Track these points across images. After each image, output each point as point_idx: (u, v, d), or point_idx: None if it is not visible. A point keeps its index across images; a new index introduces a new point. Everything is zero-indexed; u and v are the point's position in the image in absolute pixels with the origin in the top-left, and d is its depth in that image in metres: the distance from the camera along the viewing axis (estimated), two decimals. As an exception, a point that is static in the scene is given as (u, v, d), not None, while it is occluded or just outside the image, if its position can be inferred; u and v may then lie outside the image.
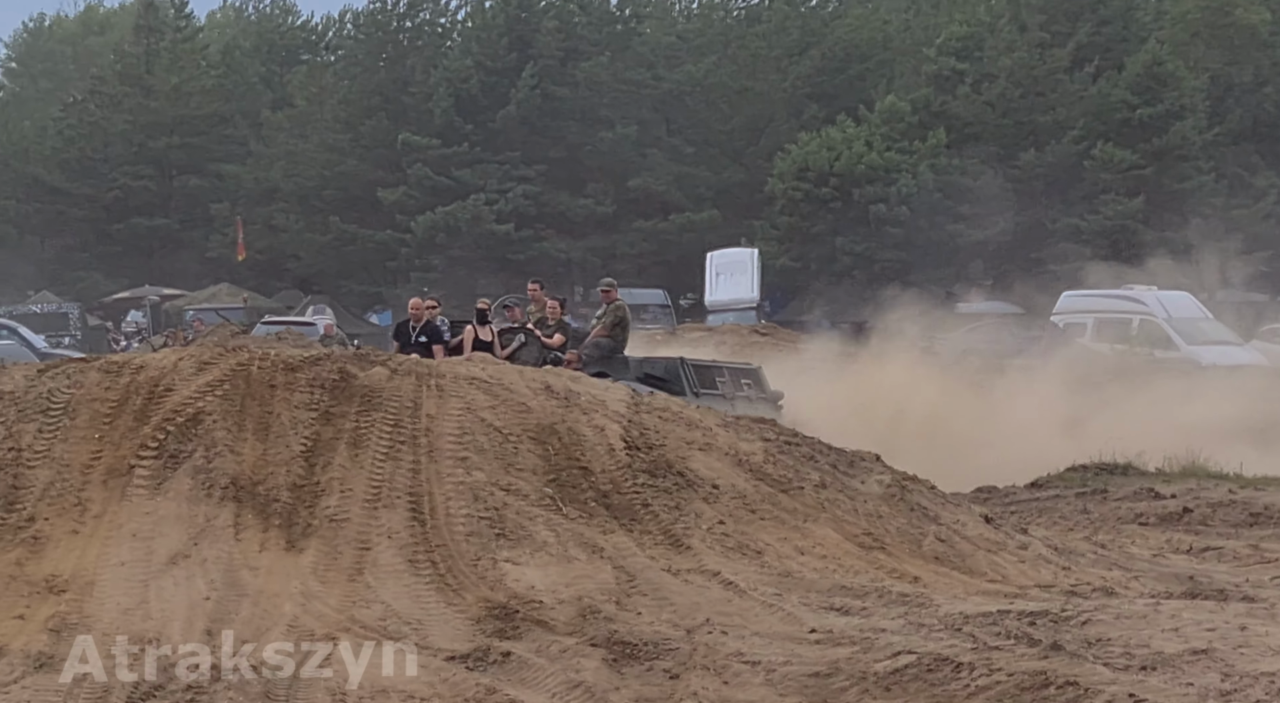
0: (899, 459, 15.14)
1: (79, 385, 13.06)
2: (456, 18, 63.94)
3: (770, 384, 21.17)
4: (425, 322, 19.15)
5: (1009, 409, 23.47)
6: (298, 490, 12.33)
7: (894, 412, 22.69)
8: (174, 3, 68.06)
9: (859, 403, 23.07)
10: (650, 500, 12.79)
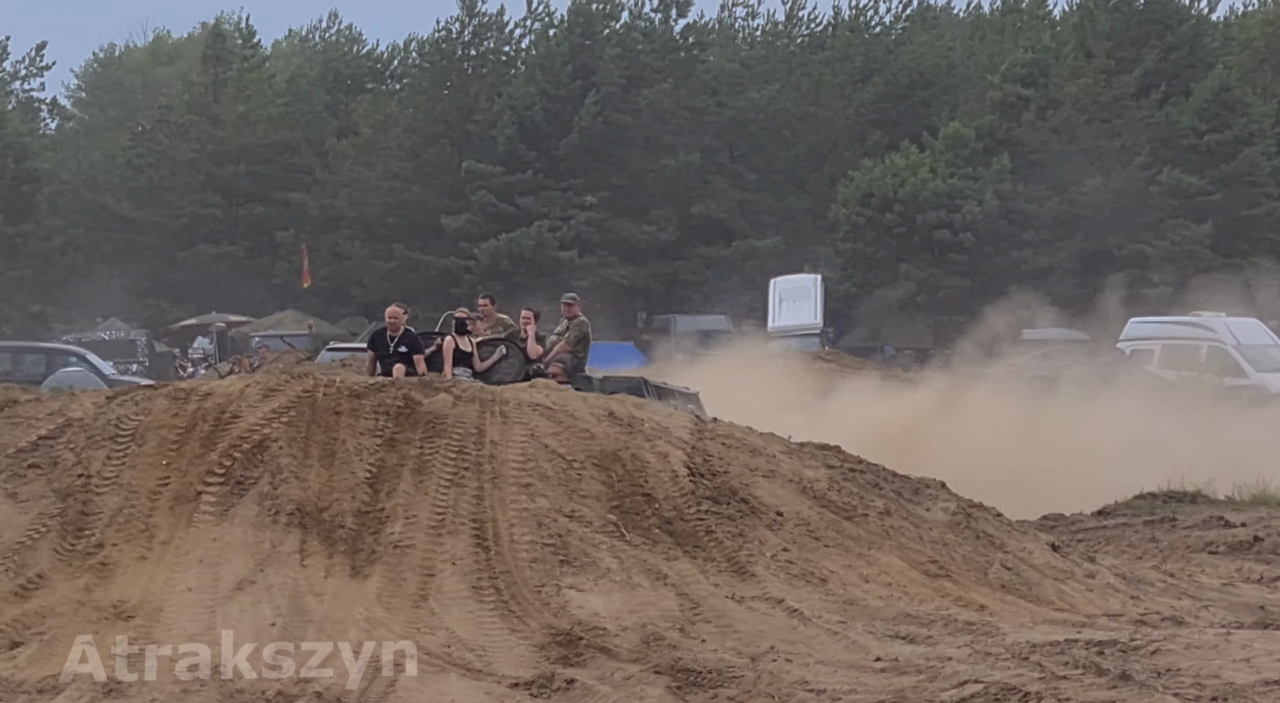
0: (964, 486, 15.05)
1: (147, 412, 13.15)
2: (521, 46, 64.19)
3: (705, 410, 21.26)
4: (404, 331, 18.41)
5: (1075, 436, 23.30)
6: (363, 517, 12.37)
7: (956, 438, 22.57)
8: (241, 32, 68.61)
9: (921, 428, 22.96)
10: (714, 527, 12.76)
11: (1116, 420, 24.09)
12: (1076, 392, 27.49)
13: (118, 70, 78.30)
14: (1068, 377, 30.33)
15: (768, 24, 65.21)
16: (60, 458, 12.81)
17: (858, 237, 54.73)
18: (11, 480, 12.61)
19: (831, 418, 22.91)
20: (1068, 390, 27.65)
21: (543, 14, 62.99)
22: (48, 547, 12.03)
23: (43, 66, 70.45)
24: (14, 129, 59.85)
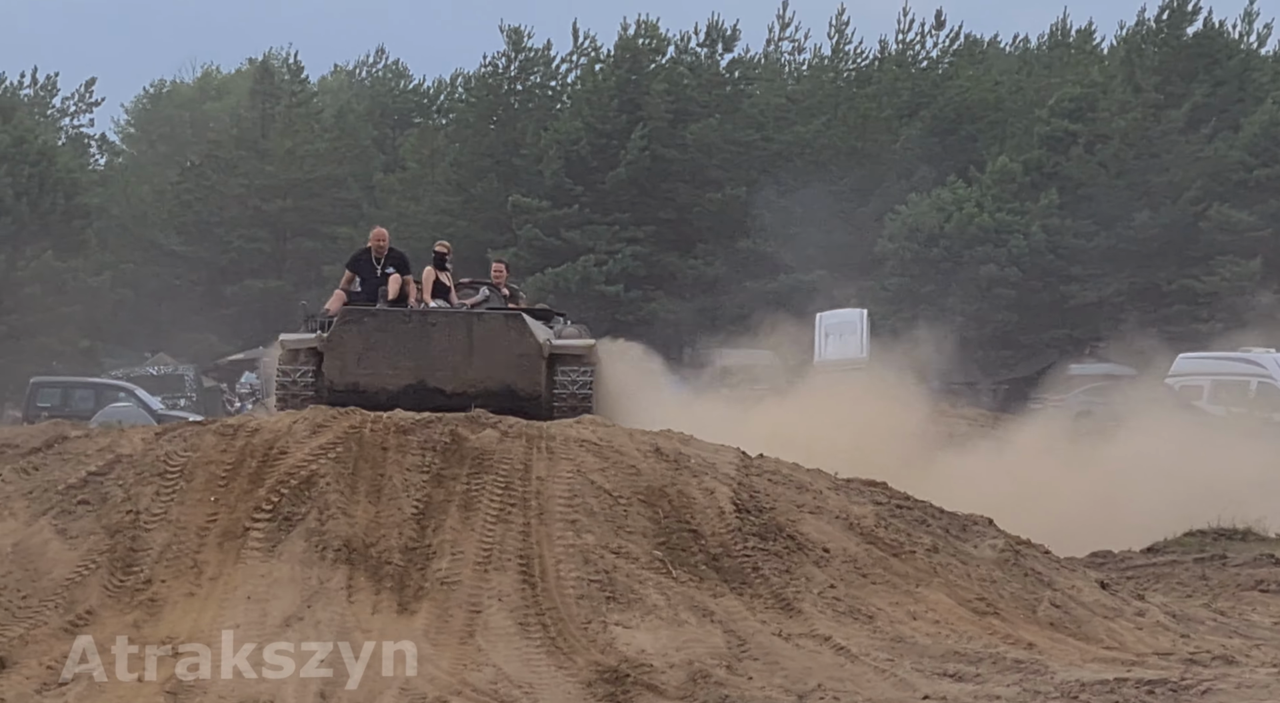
0: (1011, 522, 14.98)
1: (195, 449, 13.21)
2: (567, 81, 64.37)
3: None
4: (390, 251, 17.90)
5: (1124, 472, 23.17)
6: (409, 553, 12.39)
7: (1003, 473, 22.48)
8: (289, 68, 69.00)
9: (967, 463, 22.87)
10: (761, 564, 12.73)
11: (1165, 456, 23.95)
12: (1124, 427, 27.35)
13: (167, 106, 78.82)
14: (1115, 412, 30.18)
15: (814, 58, 65.25)
16: (109, 494, 12.87)
17: (904, 271, 54.63)
18: (61, 517, 12.68)
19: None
20: (1115, 426, 27.50)
21: (589, 49, 63.19)
22: (97, 583, 12.08)
23: (92, 102, 70.95)
24: (64, 165, 60.25)
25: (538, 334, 17.14)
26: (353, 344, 16.78)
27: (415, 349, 16.75)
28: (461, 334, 16.91)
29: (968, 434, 26.61)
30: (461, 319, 17.08)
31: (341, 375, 16.69)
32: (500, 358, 16.85)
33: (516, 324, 17.06)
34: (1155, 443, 25.18)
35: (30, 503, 12.92)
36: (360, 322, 16.91)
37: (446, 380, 16.74)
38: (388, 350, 16.77)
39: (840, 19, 64.16)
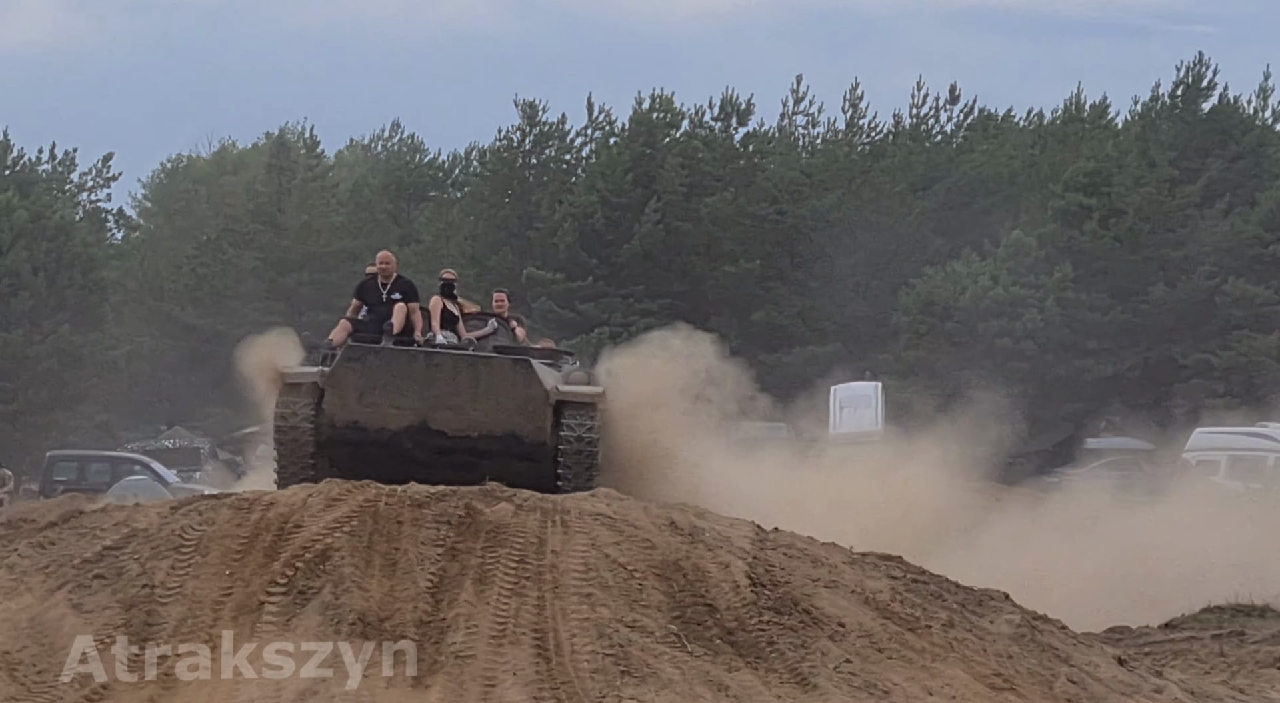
0: (1027, 597, 14.93)
1: (210, 522, 13.22)
2: (582, 154, 64.68)
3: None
4: (397, 277, 17.25)
5: (1141, 547, 23.09)
6: (424, 627, 12.37)
7: (1019, 549, 22.41)
8: (305, 142, 69.39)
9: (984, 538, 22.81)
10: (776, 638, 12.69)
11: (1182, 531, 23.87)
12: (1141, 502, 27.28)
13: (183, 180, 79.22)
14: (1132, 487, 30.13)
15: (828, 132, 65.50)
16: (125, 569, 12.87)
17: (918, 344, 54.64)
18: (77, 591, 12.67)
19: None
20: (1132, 500, 27.44)
21: (604, 122, 63.52)
22: (112, 658, 12.07)
23: (110, 177, 71.37)
24: (81, 239, 60.56)
25: (545, 380, 16.63)
26: (355, 381, 16.25)
27: (419, 389, 16.24)
28: (467, 376, 16.39)
29: (983, 507, 26.55)
30: (467, 362, 16.55)
31: (342, 413, 16.21)
32: (505, 402, 16.36)
33: (523, 369, 16.58)
34: (1172, 517, 25.12)
35: (46, 578, 12.92)
36: (364, 359, 16.40)
37: (449, 422, 16.27)
38: (391, 389, 16.21)
39: (854, 93, 64.48)
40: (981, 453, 26.99)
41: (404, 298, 16.95)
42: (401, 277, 17.37)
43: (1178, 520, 24.85)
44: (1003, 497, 27.41)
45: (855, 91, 64.57)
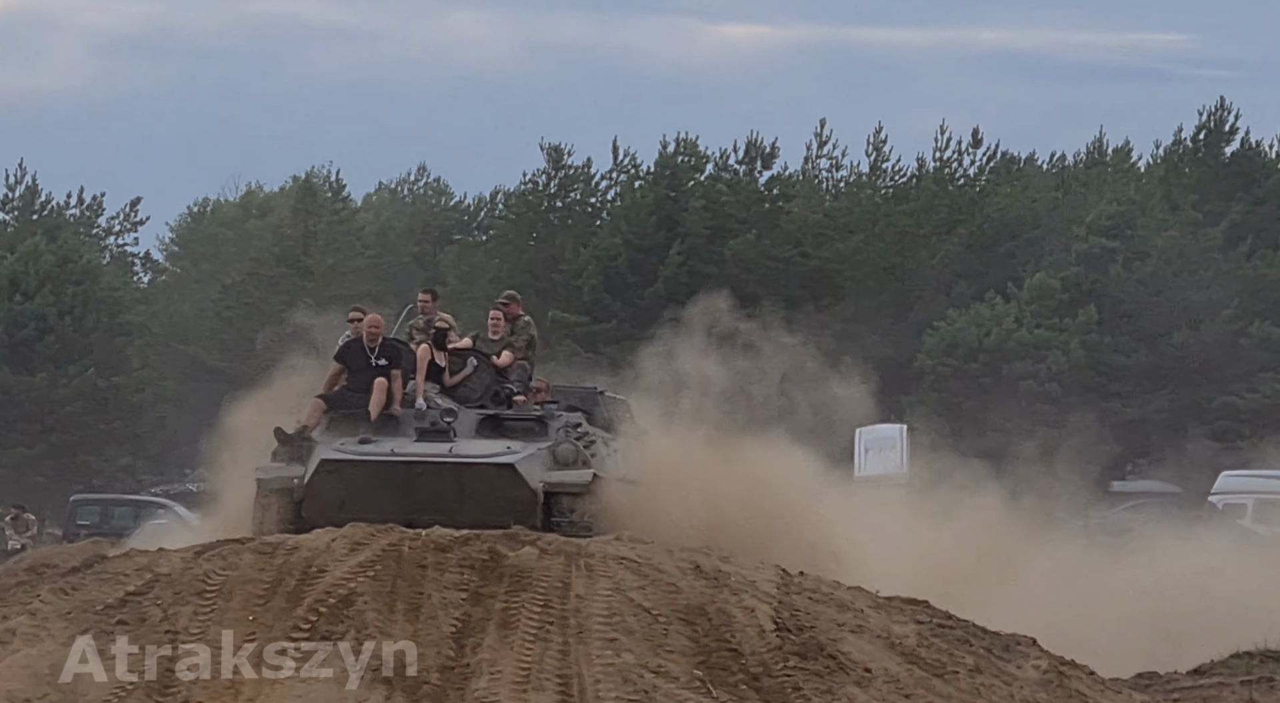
0: (1053, 639, 14.83)
1: (234, 567, 13.20)
2: (606, 197, 64.80)
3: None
4: (383, 341, 16.39)
5: (1167, 592, 22.95)
6: (447, 672, 12.32)
7: (1048, 591, 22.28)
8: (331, 185, 69.63)
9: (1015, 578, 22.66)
10: (801, 684, 12.62)
11: (1210, 576, 23.72)
12: (1168, 546, 27.12)
13: (210, 224, 79.53)
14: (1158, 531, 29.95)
15: (852, 175, 65.55)
16: (148, 614, 12.85)
17: (943, 386, 54.54)
18: (99, 637, 12.65)
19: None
20: (1159, 545, 27.28)
21: (628, 166, 63.64)
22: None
23: (137, 221, 71.67)
24: (108, 283, 60.81)
25: (531, 480, 15.97)
26: (333, 492, 15.71)
27: (401, 496, 15.61)
28: (450, 482, 15.87)
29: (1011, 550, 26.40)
30: (450, 469, 15.91)
31: (322, 519, 15.39)
32: (493, 504, 15.78)
33: (508, 474, 15.94)
34: (1200, 562, 24.97)
35: (68, 624, 12.90)
36: (339, 471, 15.83)
37: (435, 523, 15.25)
38: (371, 497, 15.56)
39: (878, 137, 64.54)
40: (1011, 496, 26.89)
41: (390, 364, 16.23)
42: (389, 341, 16.68)
43: (1205, 565, 24.70)
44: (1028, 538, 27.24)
45: (878, 135, 64.66)
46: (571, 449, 16.40)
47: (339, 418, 16.32)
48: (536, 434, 16.54)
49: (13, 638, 12.79)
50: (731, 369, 20.85)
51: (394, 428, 16.27)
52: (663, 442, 18.62)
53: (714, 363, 20.86)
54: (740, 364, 21.32)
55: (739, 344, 20.65)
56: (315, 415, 16.31)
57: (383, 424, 16.25)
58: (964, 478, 28.58)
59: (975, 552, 24.88)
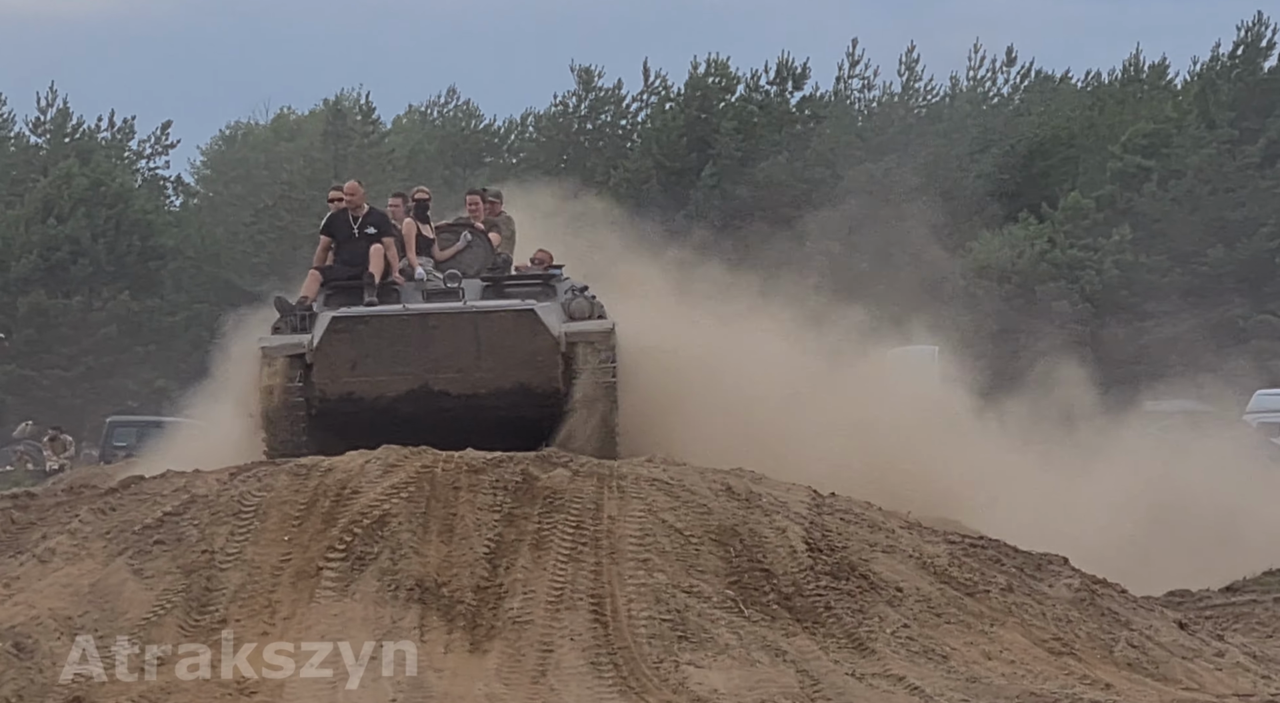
0: (1086, 559, 14.87)
1: (269, 488, 13.28)
2: (637, 119, 64.60)
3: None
4: (369, 210, 15.65)
5: (1201, 510, 22.96)
6: (481, 592, 12.41)
7: (1078, 510, 22.29)
8: (361, 109, 69.49)
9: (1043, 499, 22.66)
10: (833, 603, 12.69)
11: (1243, 495, 23.72)
12: (1202, 465, 27.09)
13: (241, 148, 79.51)
14: (1193, 449, 29.90)
15: (884, 95, 65.21)
16: (185, 534, 12.95)
17: (975, 307, 54.40)
18: (137, 557, 12.77)
19: None
20: (1193, 463, 27.25)
21: (659, 88, 63.44)
22: (173, 623, 12.16)
23: (168, 145, 71.57)
24: (140, 206, 60.91)
25: (552, 327, 15.19)
26: (345, 353, 14.91)
27: (416, 353, 14.93)
28: (468, 334, 15.03)
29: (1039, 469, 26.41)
30: (467, 319, 15.09)
31: (333, 385, 14.93)
32: (512, 357, 15.03)
33: (528, 320, 15.08)
34: (1233, 481, 24.96)
35: (107, 544, 13.02)
36: (351, 329, 14.99)
37: (452, 384, 15.04)
38: (385, 356, 14.92)
39: (910, 56, 64.18)
40: (1043, 415, 26.86)
41: (378, 233, 15.46)
42: (374, 209, 15.86)
43: (1238, 484, 24.69)
44: (1058, 457, 27.23)
45: (911, 54, 64.31)
46: (585, 304, 15.66)
47: (337, 290, 15.53)
48: (544, 295, 15.76)
49: (53, 557, 12.92)
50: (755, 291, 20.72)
51: (397, 297, 15.54)
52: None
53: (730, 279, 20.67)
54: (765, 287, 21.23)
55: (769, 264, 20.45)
56: (313, 287, 15.52)
57: (384, 293, 15.51)
58: (995, 400, 28.53)
59: (1001, 471, 24.90)
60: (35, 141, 66.08)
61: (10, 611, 12.19)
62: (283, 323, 15.34)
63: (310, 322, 15.09)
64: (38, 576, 12.72)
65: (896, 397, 20.85)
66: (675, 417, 16.96)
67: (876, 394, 20.13)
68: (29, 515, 14.04)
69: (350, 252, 15.38)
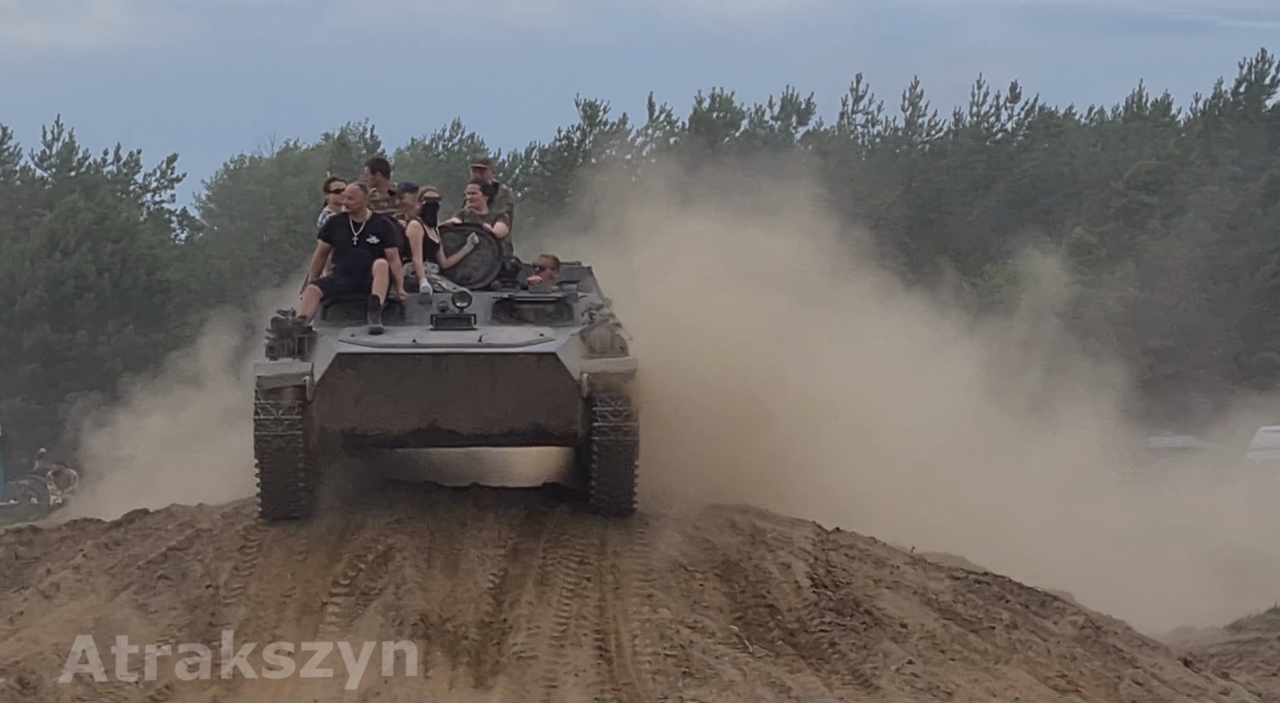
0: (1091, 595, 14.84)
1: (273, 523, 13.28)
2: (642, 154, 64.72)
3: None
4: (371, 217, 14.24)
5: (1205, 548, 22.92)
6: (486, 628, 12.40)
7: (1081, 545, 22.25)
8: (366, 142, 69.62)
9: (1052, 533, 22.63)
10: (838, 639, 12.67)
11: (1247, 532, 23.70)
12: (1205, 502, 27.07)
13: (246, 181, 79.59)
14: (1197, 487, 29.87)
15: (888, 131, 65.31)
16: (189, 570, 12.96)
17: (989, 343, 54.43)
18: (142, 592, 12.77)
19: None
20: (1196, 500, 27.23)
21: (664, 122, 63.55)
22: (176, 659, 12.15)
23: (174, 178, 71.68)
24: (145, 240, 61.00)
25: (573, 371, 13.82)
26: (350, 389, 13.72)
27: (426, 391, 13.72)
28: (483, 376, 13.76)
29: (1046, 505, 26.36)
30: (483, 361, 13.79)
31: (335, 421, 13.77)
32: (529, 399, 13.83)
33: (549, 364, 13.79)
34: (1236, 518, 24.94)
35: (111, 579, 13.02)
36: (356, 366, 13.73)
37: (463, 423, 13.84)
38: (392, 393, 13.74)
39: (914, 92, 64.25)
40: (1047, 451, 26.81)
41: (381, 242, 14.12)
42: (375, 216, 14.40)
43: (1241, 521, 24.67)
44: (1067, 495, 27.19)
45: (914, 90, 64.37)
46: (606, 334, 14.26)
47: (337, 305, 14.29)
48: (560, 318, 14.45)
49: (57, 592, 12.93)
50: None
51: (401, 315, 14.29)
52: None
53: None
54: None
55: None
56: (311, 304, 14.21)
57: (388, 311, 14.29)
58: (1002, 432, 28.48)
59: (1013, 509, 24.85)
60: (41, 175, 66.22)
61: (14, 646, 12.18)
62: (279, 344, 14.03)
63: (309, 345, 13.90)
64: (42, 611, 12.72)
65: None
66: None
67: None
68: (33, 550, 14.05)
69: (350, 261, 14.17)
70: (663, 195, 19.24)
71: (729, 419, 14.65)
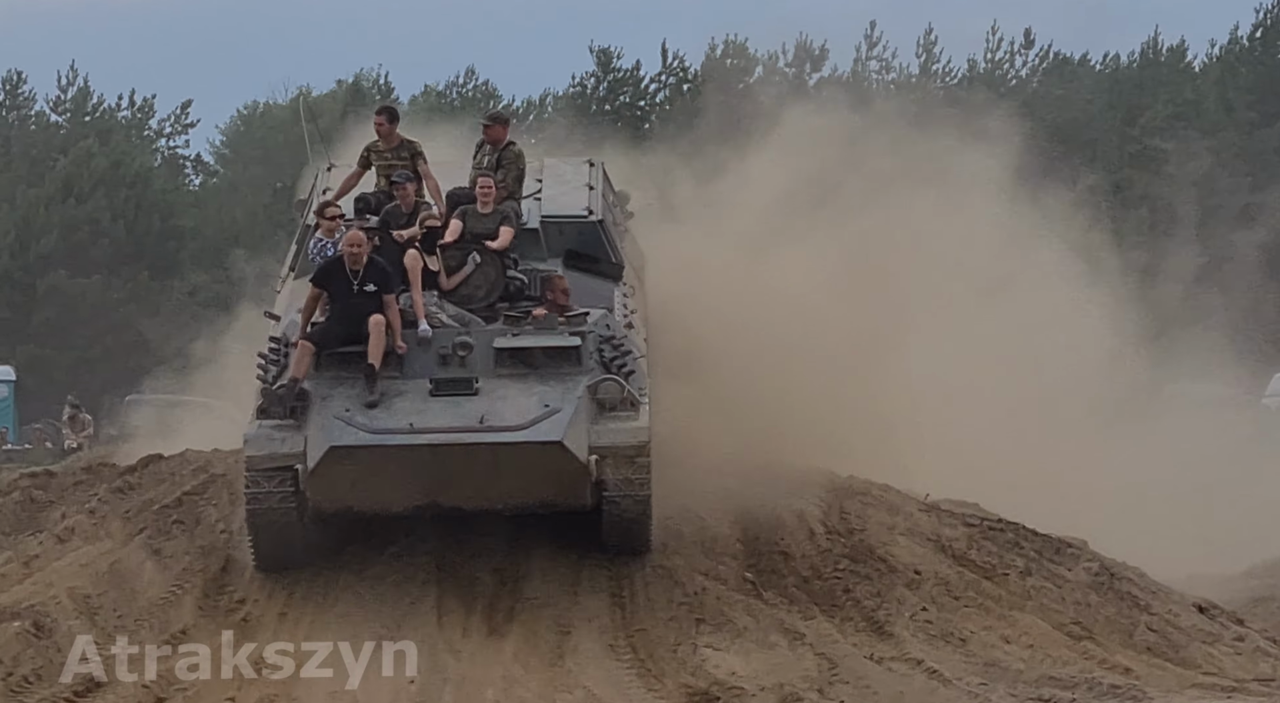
0: (1105, 541, 14.80)
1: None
2: (655, 101, 64.51)
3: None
4: (369, 262, 13.44)
5: (1219, 495, 22.88)
6: (499, 574, 12.41)
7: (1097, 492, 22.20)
8: (380, 88, 69.42)
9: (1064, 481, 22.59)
10: (852, 586, 12.67)
11: (1262, 479, 23.63)
12: (1220, 448, 27.01)
13: (260, 127, 79.43)
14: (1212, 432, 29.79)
15: (901, 77, 65.02)
16: (203, 515, 12.98)
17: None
18: (156, 537, 12.80)
19: None
20: (1210, 447, 27.16)
21: (677, 69, 63.31)
22: (191, 603, 12.18)
23: (188, 124, 71.52)
24: (160, 186, 60.93)
25: (579, 453, 12.98)
26: (345, 475, 12.99)
27: (425, 476, 13.12)
28: (485, 462, 13.09)
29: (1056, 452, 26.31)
30: (486, 450, 13.05)
31: (330, 503, 13.05)
32: (534, 481, 13.17)
33: (554, 452, 13.00)
34: (1249, 464, 24.88)
35: (126, 523, 13.04)
36: (351, 457, 12.94)
37: (467, 501, 13.19)
38: (389, 479, 13.10)
39: (928, 38, 63.95)
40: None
41: (379, 288, 13.41)
42: (374, 259, 13.61)
43: (1255, 467, 24.61)
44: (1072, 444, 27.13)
45: (929, 36, 64.07)
46: (616, 387, 13.45)
47: (331, 359, 13.50)
48: (570, 368, 13.61)
49: (72, 536, 12.96)
50: None
51: (399, 366, 13.47)
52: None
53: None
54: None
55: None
56: (304, 364, 13.34)
57: (385, 364, 13.45)
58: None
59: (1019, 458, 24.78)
60: (55, 120, 66.12)
61: (29, 589, 12.21)
62: (270, 406, 13.22)
63: (302, 412, 13.12)
64: (56, 555, 12.75)
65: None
66: None
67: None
68: (48, 494, 14.08)
69: (347, 311, 13.38)
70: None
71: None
